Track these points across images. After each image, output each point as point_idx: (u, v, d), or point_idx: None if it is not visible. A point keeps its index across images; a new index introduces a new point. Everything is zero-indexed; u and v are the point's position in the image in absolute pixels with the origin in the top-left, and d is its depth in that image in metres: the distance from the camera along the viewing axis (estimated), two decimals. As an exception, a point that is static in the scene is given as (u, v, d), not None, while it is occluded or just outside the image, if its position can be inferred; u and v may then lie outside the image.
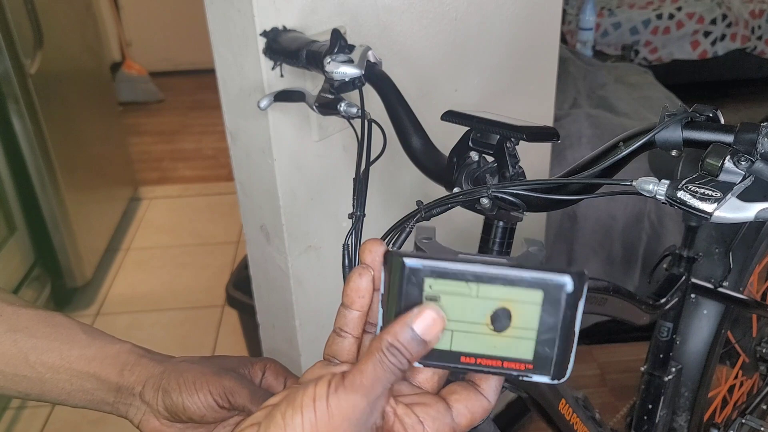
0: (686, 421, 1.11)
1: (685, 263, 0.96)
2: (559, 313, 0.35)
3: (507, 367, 0.36)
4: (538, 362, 0.36)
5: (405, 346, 0.35)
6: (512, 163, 0.58)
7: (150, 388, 0.49)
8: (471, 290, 0.36)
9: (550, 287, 0.35)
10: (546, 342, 0.36)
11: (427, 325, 0.36)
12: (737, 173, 0.49)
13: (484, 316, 0.36)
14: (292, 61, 0.80)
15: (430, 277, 0.36)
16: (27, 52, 1.91)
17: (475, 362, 0.37)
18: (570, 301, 0.35)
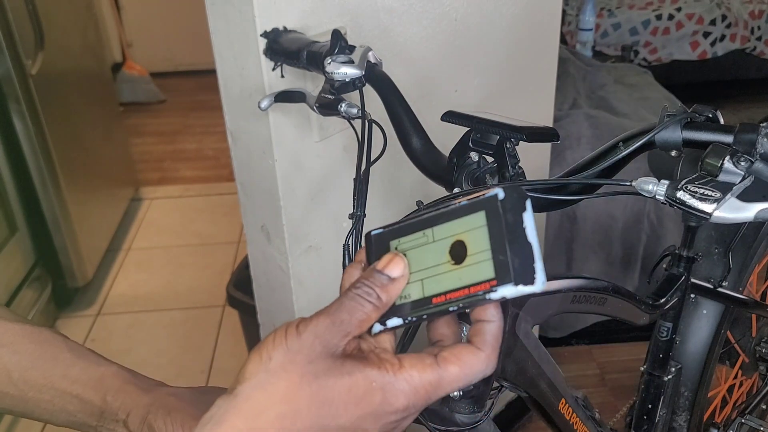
0: (686, 421, 1.11)
1: (684, 263, 0.96)
2: (502, 223, 0.37)
3: (474, 291, 0.38)
4: (499, 275, 0.37)
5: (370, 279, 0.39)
6: (512, 163, 0.58)
7: (135, 419, 0.48)
8: (427, 237, 0.40)
9: (486, 204, 0.38)
10: (500, 254, 0.37)
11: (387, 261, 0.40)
12: (737, 173, 0.50)
13: (444, 255, 0.39)
14: (293, 62, 0.80)
15: (394, 239, 0.41)
16: (28, 52, 1.91)
17: (446, 299, 0.39)
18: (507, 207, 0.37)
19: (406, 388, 0.37)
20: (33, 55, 1.94)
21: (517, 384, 0.68)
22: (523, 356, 0.66)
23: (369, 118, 0.68)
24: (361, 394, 0.37)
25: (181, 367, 1.98)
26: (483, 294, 0.37)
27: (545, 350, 0.70)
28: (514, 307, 0.63)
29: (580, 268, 1.85)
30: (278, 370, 0.37)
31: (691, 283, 0.98)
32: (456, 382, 0.38)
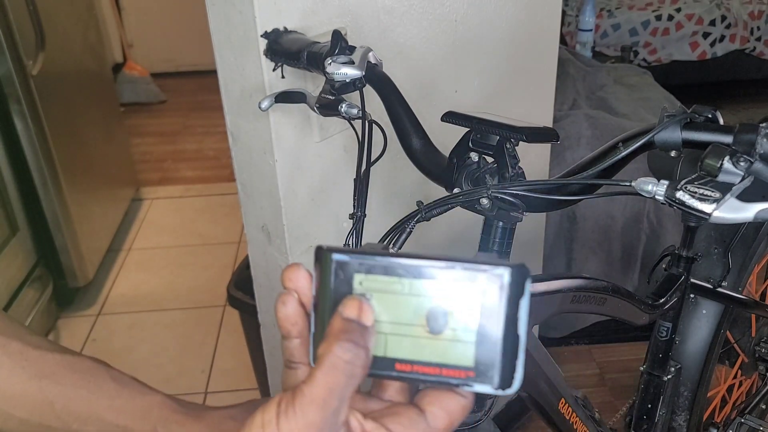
0: (685, 421, 1.11)
1: (684, 263, 0.96)
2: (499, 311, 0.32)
3: (446, 375, 0.33)
4: (480, 369, 0.32)
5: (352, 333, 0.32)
6: (512, 163, 0.58)
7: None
8: (403, 287, 0.33)
9: (486, 281, 0.32)
10: (487, 345, 0.32)
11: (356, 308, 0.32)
12: (736, 174, 0.50)
13: (418, 317, 0.33)
14: (293, 63, 0.80)
15: (360, 273, 0.34)
16: (29, 53, 1.91)
17: (411, 369, 0.33)
18: (510, 296, 0.32)
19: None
20: (34, 56, 1.94)
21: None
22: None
23: (369, 118, 0.69)
24: None
25: (181, 367, 1.98)
26: (456, 382, 0.33)
27: (545, 350, 0.70)
28: (514, 306, 0.63)
29: (580, 268, 1.85)
30: None
31: (690, 283, 0.98)
32: None
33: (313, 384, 0.31)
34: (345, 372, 0.31)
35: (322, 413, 0.30)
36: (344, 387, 0.31)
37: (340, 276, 0.34)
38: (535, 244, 1.54)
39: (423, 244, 1.20)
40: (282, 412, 0.31)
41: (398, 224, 0.57)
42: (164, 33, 4.13)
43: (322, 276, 0.35)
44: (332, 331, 0.32)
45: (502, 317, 0.32)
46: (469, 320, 0.32)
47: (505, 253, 0.61)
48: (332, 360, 0.31)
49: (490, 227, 0.60)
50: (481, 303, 0.32)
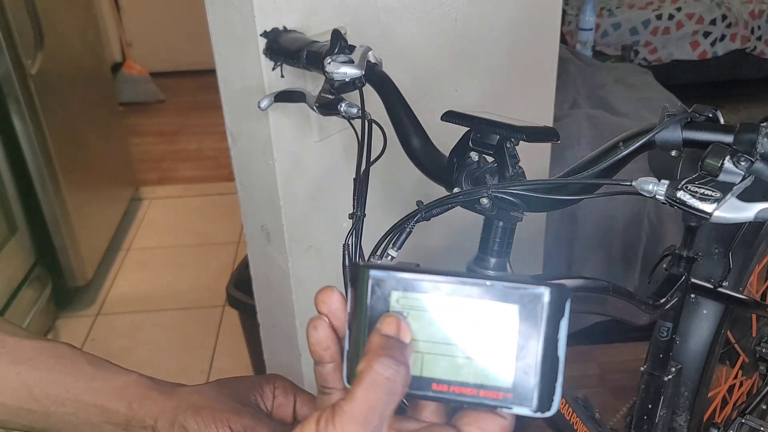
0: (686, 421, 1.11)
1: (684, 263, 0.96)
2: (539, 332, 0.32)
3: (484, 396, 0.32)
4: (518, 391, 0.32)
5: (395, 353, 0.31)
6: (512, 163, 0.58)
7: (164, 422, 0.48)
8: (441, 305, 0.33)
9: (526, 299, 0.32)
10: (526, 367, 0.32)
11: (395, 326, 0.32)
12: (737, 173, 0.50)
13: (456, 336, 0.32)
14: (293, 62, 0.80)
15: (397, 290, 0.33)
16: (28, 52, 1.91)
17: (448, 390, 0.33)
18: (549, 316, 0.32)
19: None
20: (33, 55, 1.93)
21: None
22: (523, 356, 0.66)
23: (369, 118, 0.68)
24: None
25: (181, 367, 1.98)
26: (494, 404, 0.32)
27: (545, 350, 0.69)
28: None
29: (580, 268, 1.84)
30: None
31: (691, 283, 0.98)
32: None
33: (353, 401, 0.30)
34: (386, 389, 0.30)
35: (362, 429, 0.30)
36: (385, 404, 0.31)
37: (377, 293, 0.33)
38: (535, 244, 1.53)
39: (423, 244, 1.19)
40: (322, 429, 0.30)
41: (398, 224, 0.57)
42: (163, 32, 4.12)
43: (358, 294, 0.34)
44: (372, 348, 0.32)
45: (541, 338, 0.32)
46: (508, 341, 0.32)
47: (505, 253, 0.61)
48: (373, 377, 0.30)
49: (490, 227, 0.60)
50: (520, 323, 0.32)
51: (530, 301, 0.32)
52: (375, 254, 0.58)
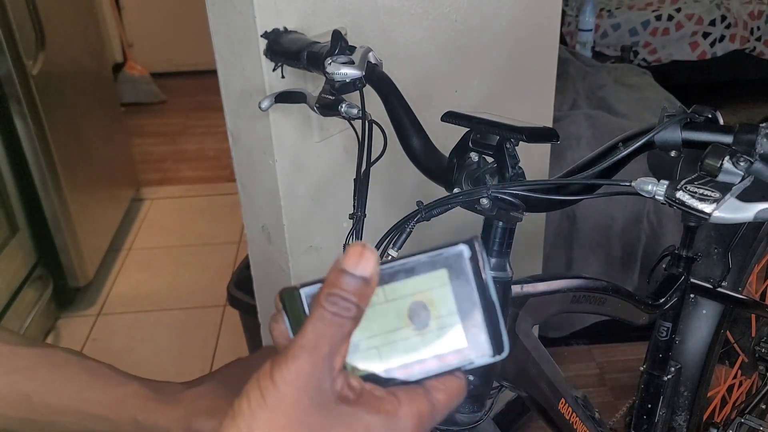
0: (685, 421, 1.11)
1: (684, 263, 0.96)
2: (471, 285, 0.34)
3: (446, 363, 0.34)
4: (473, 345, 0.34)
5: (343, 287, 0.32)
6: (512, 163, 0.58)
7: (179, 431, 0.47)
8: (378, 296, 0.34)
9: (450, 261, 0.34)
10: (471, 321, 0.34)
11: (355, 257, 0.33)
12: (736, 174, 0.50)
13: (402, 319, 0.34)
14: (293, 63, 0.80)
15: None
16: (29, 52, 1.91)
17: (413, 370, 0.34)
18: (473, 267, 0.34)
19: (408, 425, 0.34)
20: (34, 56, 1.94)
21: (517, 384, 0.68)
22: (523, 356, 0.67)
23: (369, 118, 0.69)
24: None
25: (181, 367, 1.98)
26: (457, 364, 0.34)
27: (545, 350, 0.70)
28: (514, 306, 0.64)
29: (580, 268, 1.85)
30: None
31: (690, 283, 0.98)
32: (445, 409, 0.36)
33: (302, 333, 0.32)
34: (333, 322, 0.32)
35: (312, 357, 0.31)
36: (333, 335, 0.32)
37: None
38: (535, 244, 1.54)
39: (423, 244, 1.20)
40: (275, 363, 0.32)
41: (398, 224, 0.57)
42: (164, 33, 4.13)
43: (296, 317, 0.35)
44: (326, 284, 0.33)
45: (474, 290, 0.34)
46: (448, 304, 0.34)
47: (506, 252, 0.61)
48: (320, 312, 0.32)
49: (490, 227, 0.60)
50: (452, 284, 0.34)
51: (455, 262, 0.34)
52: (375, 254, 0.58)
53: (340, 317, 0.32)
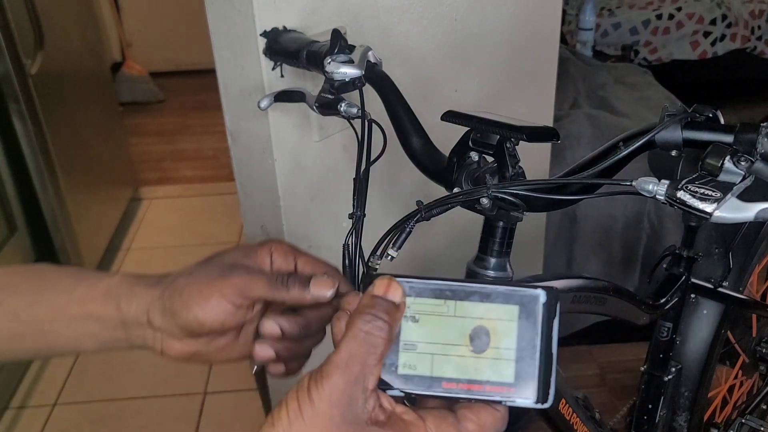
0: (686, 421, 1.11)
1: (684, 263, 0.96)
2: (536, 329, 0.35)
3: (490, 391, 0.36)
4: (519, 384, 0.35)
5: (376, 309, 0.35)
6: (512, 163, 0.58)
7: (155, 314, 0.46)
8: (449, 308, 0.36)
9: (525, 300, 0.35)
10: (526, 362, 0.35)
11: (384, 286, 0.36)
12: (737, 173, 0.50)
13: (463, 337, 0.36)
14: (293, 62, 0.80)
15: (410, 296, 0.37)
16: (28, 52, 1.91)
17: (456, 387, 0.36)
18: (545, 315, 0.35)
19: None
20: (32, 55, 1.93)
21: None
22: (523, 356, 0.66)
23: (369, 117, 0.68)
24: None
25: (180, 368, 1.97)
26: (499, 398, 0.36)
27: (545, 350, 0.69)
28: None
29: (581, 268, 1.84)
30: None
31: (691, 283, 0.98)
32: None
33: (337, 351, 0.35)
34: (365, 341, 0.34)
35: (345, 376, 0.34)
36: (365, 354, 0.34)
37: None
38: (535, 244, 1.53)
39: (423, 244, 1.19)
40: (312, 378, 0.34)
41: (398, 224, 0.57)
42: (163, 32, 4.12)
43: None
44: (358, 307, 0.36)
45: (539, 335, 0.35)
46: (509, 339, 0.36)
47: (505, 253, 0.61)
48: (353, 331, 0.35)
49: (490, 227, 0.60)
50: (519, 322, 0.35)
51: (529, 302, 0.35)
52: (375, 254, 0.58)
53: (372, 336, 0.35)
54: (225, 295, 0.44)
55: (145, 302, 0.47)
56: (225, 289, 0.45)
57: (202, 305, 0.44)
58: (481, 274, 0.60)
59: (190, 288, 0.45)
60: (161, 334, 0.47)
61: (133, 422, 1.79)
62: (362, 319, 0.35)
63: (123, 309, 0.47)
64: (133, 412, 1.82)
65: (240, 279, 0.45)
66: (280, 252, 0.49)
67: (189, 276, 0.47)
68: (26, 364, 1.96)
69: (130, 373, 1.96)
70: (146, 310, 0.47)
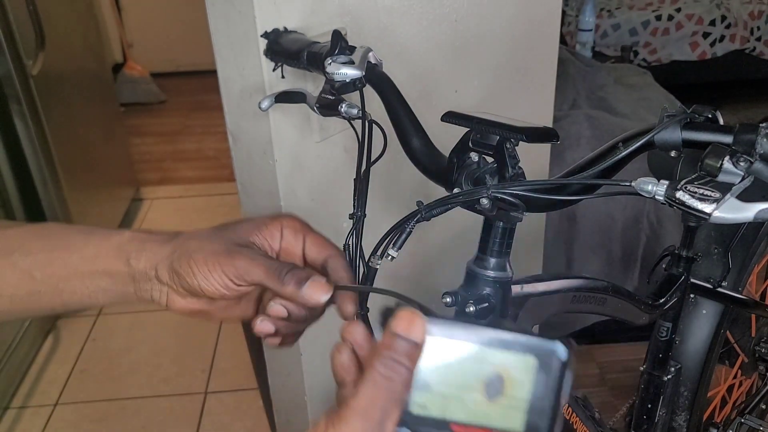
0: (685, 421, 1.11)
1: (684, 263, 0.96)
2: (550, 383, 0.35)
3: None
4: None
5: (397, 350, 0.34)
6: (512, 163, 0.58)
7: (163, 271, 0.47)
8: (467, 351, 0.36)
9: (543, 354, 0.35)
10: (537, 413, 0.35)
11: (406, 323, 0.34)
12: (736, 174, 0.50)
13: (478, 382, 0.36)
14: (293, 63, 0.80)
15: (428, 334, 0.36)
16: (29, 53, 1.91)
17: (466, 430, 0.36)
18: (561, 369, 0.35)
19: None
20: (34, 56, 1.94)
21: None
22: (523, 356, 0.66)
23: (369, 118, 0.68)
24: None
25: (181, 367, 1.98)
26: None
27: (545, 350, 0.70)
28: (514, 307, 0.63)
29: (580, 268, 1.85)
30: None
31: (690, 283, 0.98)
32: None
33: (356, 396, 0.33)
34: (384, 386, 0.33)
35: (364, 423, 0.33)
36: (386, 400, 0.33)
37: None
38: (535, 244, 1.53)
39: (423, 244, 1.20)
40: (330, 422, 0.33)
41: (398, 224, 0.57)
42: (164, 33, 4.13)
43: None
44: (379, 347, 0.34)
45: (552, 390, 0.35)
46: (523, 389, 0.35)
47: (505, 253, 0.61)
48: (373, 375, 0.34)
49: (490, 227, 0.60)
50: (535, 374, 0.35)
51: (546, 355, 0.35)
52: (375, 254, 0.58)
53: (392, 382, 0.33)
54: (226, 273, 0.45)
55: (155, 258, 0.48)
56: (227, 267, 0.45)
57: (206, 275, 0.46)
58: (480, 274, 0.60)
59: (197, 256, 0.46)
60: (167, 289, 0.48)
61: (134, 422, 1.79)
62: (381, 363, 0.34)
63: (132, 264, 0.48)
64: (134, 411, 1.82)
65: (242, 262, 0.46)
66: (291, 229, 0.50)
67: (199, 242, 0.47)
68: (27, 364, 1.97)
69: (131, 372, 1.96)
70: (155, 266, 0.48)
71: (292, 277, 0.45)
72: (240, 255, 0.46)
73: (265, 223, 0.49)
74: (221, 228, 0.49)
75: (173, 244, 0.48)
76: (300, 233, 0.50)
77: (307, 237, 0.50)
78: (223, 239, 0.47)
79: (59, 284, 0.49)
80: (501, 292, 0.60)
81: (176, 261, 0.47)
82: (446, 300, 0.60)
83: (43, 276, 0.49)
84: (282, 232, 0.50)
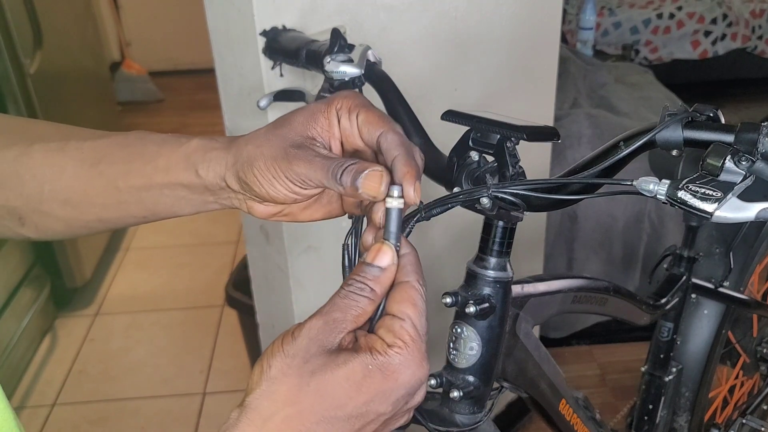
0: (687, 422, 1.10)
1: (685, 263, 0.96)
2: None
3: None
4: None
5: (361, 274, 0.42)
6: (512, 162, 0.57)
7: (232, 181, 0.46)
8: None
9: None
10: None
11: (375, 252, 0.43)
12: (738, 173, 0.49)
13: None
14: (292, 61, 0.80)
15: None
16: (26, 51, 1.91)
17: None
18: None
19: (401, 360, 0.40)
20: (31, 54, 1.93)
21: (518, 384, 0.68)
22: (524, 357, 0.66)
23: (368, 117, 0.68)
24: (360, 379, 0.39)
25: (179, 368, 1.97)
26: None
27: (546, 351, 0.69)
28: (515, 307, 0.63)
29: (581, 268, 1.84)
30: (278, 375, 0.39)
31: (692, 283, 0.98)
32: None
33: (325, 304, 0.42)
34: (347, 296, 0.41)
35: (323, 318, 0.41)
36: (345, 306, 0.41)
37: None
38: (535, 244, 1.53)
39: (423, 244, 1.19)
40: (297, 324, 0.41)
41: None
42: (162, 31, 4.12)
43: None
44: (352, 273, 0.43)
45: None
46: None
47: (506, 252, 0.61)
48: (341, 290, 0.42)
49: (490, 227, 0.60)
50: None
51: None
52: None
53: (354, 294, 0.41)
54: (290, 179, 0.44)
55: (220, 168, 0.47)
56: (288, 173, 0.44)
57: (271, 183, 0.45)
58: (481, 274, 0.60)
59: (258, 164, 0.45)
60: (243, 197, 0.48)
61: (132, 422, 1.78)
62: (347, 282, 0.42)
63: (202, 175, 0.47)
64: (132, 412, 1.82)
65: (301, 167, 0.44)
66: (345, 110, 0.47)
67: (256, 147, 0.46)
68: (25, 365, 1.96)
69: (129, 373, 1.96)
70: (223, 177, 0.47)
71: (348, 175, 0.43)
72: (297, 159, 0.44)
73: (320, 110, 0.47)
74: (277, 125, 0.47)
75: (233, 152, 0.47)
76: (353, 113, 0.47)
77: (360, 115, 0.47)
78: (279, 141, 0.45)
79: (141, 194, 0.49)
80: (501, 292, 0.60)
81: (240, 170, 0.46)
82: (446, 300, 0.60)
83: (125, 186, 0.49)
84: (338, 116, 0.47)
